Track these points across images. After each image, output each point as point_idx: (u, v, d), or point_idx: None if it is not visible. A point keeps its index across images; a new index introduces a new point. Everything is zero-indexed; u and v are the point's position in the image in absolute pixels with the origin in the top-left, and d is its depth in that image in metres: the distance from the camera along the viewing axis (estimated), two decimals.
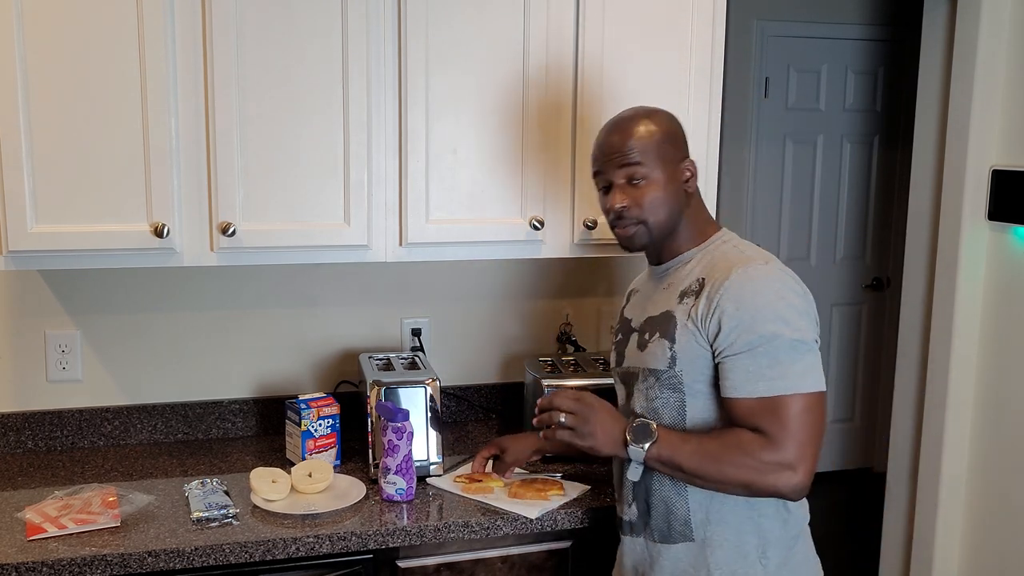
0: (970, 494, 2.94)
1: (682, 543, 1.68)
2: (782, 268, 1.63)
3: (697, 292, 1.64)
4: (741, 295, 1.57)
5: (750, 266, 1.60)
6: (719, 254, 1.68)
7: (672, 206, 1.70)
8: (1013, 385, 2.77)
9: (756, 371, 1.56)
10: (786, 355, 1.55)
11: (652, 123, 1.71)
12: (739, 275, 1.59)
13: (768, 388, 1.55)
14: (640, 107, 1.78)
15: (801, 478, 1.56)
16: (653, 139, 1.69)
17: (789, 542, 1.67)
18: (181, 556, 1.80)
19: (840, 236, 4.88)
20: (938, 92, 3.00)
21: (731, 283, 1.59)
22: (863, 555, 4.03)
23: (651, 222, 1.70)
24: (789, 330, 1.55)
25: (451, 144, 2.13)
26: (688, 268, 1.71)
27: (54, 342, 2.32)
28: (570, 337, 2.66)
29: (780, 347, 1.55)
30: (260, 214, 2.04)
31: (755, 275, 1.59)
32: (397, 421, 1.98)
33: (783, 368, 1.55)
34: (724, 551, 1.65)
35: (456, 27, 2.10)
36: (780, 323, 1.55)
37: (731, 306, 1.57)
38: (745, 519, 1.65)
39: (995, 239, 2.82)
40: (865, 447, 5.03)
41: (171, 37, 1.94)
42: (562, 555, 2.03)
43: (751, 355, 1.56)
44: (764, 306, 1.56)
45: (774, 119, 4.67)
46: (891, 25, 4.72)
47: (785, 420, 1.55)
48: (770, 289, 1.58)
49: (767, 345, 1.55)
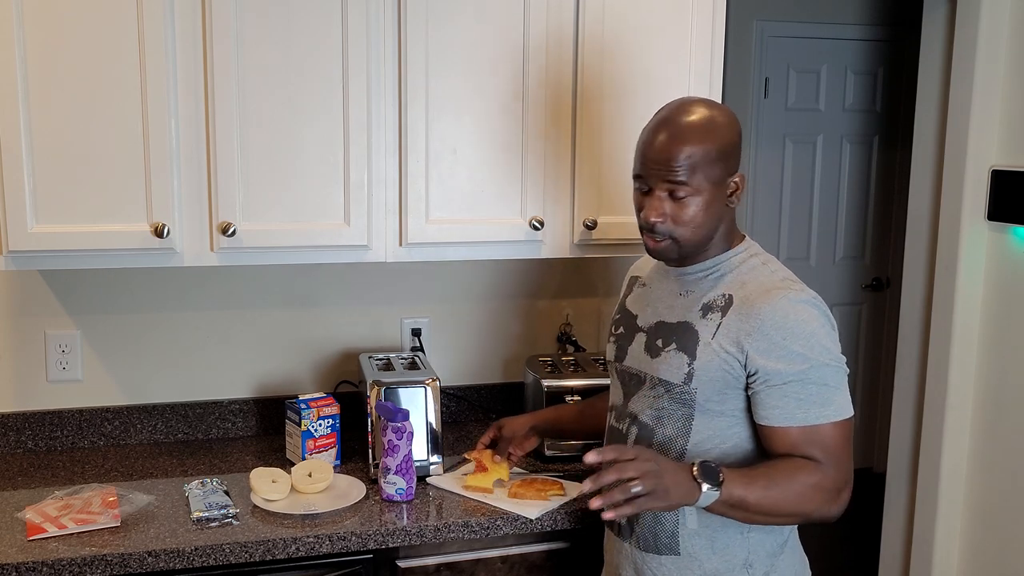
0: (970, 494, 2.94)
1: (667, 555, 1.67)
2: (815, 294, 1.61)
3: (723, 309, 1.61)
4: (786, 323, 1.55)
5: (790, 293, 1.58)
6: (748, 271, 1.64)
7: (710, 225, 1.62)
8: (1013, 385, 2.77)
9: (807, 399, 1.55)
10: (833, 382, 1.57)
11: (709, 138, 1.57)
12: (781, 302, 1.56)
13: (819, 416, 1.56)
14: (699, 106, 1.61)
15: (846, 499, 1.59)
16: (707, 158, 1.57)
17: (775, 551, 1.66)
18: (181, 556, 1.80)
19: (840, 236, 4.88)
20: (938, 92, 3.00)
21: (773, 310, 1.56)
22: (863, 555, 4.03)
23: (684, 240, 1.62)
24: (832, 359, 1.57)
25: (451, 144, 2.14)
26: (713, 279, 1.66)
27: (54, 342, 2.32)
28: (570, 337, 2.66)
29: (828, 375, 1.56)
30: (260, 214, 2.04)
31: (796, 303, 1.57)
32: (397, 421, 1.98)
33: (832, 396, 1.56)
34: (711, 564, 1.64)
35: (456, 27, 2.10)
36: (826, 353, 1.56)
37: (777, 334, 1.55)
38: (735, 532, 1.64)
39: (995, 239, 2.82)
40: (865, 447, 5.03)
41: (171, 37, 1.94)
42: (562, 555, 2.03)
43: (801, 384, 1.55)
44: (812, 335, 1.55)
45: (774, 119, 4.67)
46: (891, 25, 4.72)
47: (833, 447, 1.56)
48: (812, 318, 1.57)
49: (816, 374, 1.55)
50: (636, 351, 1.74)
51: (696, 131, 1.58)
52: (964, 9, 2.81)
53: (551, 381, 2.29)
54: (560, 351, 2.64)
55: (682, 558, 1.66)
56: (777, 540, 1.67)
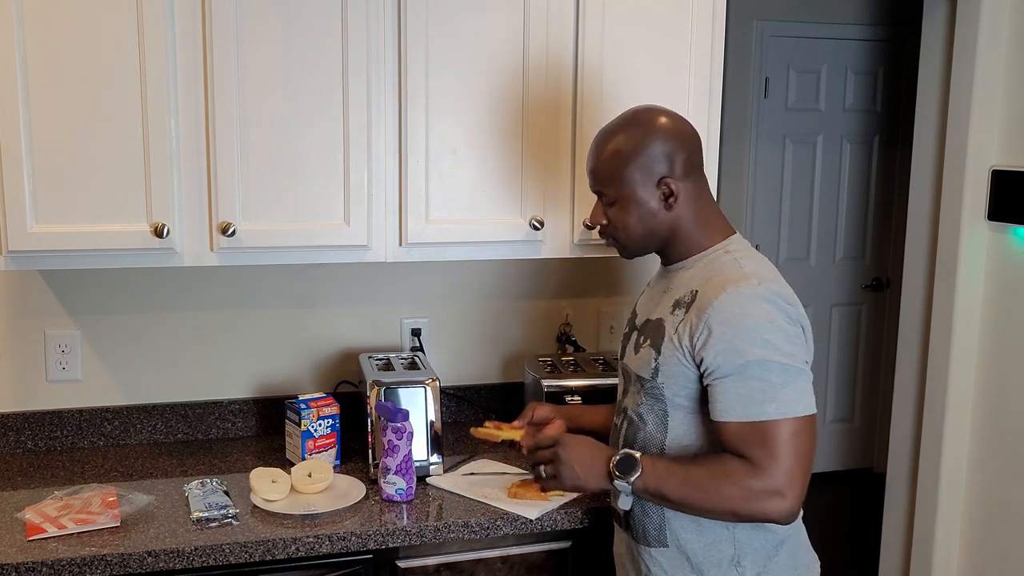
0: (970, 494, 2.94)
1: (657, 547, 1.69)
2: (775, 290, 1.57)
3: (687, 305, 1.61)
4: (730, 317, 1.53)
5: (741, 286, 1.55)
6: (717, 266, 1.63)
7: (645, 228, 1.66)
8: (1013, 385, 2.77)
9: (746, 395, 1.53)
10: (777, 379, 1.52)
11: (618, 146, 1.65)
12: (729, 296, 1.54)
13: (758, 413, 1.52)
14: (625, 116, 1.70)
15: (790, 504, 1.53)
16: (614, 165, 1.65)
17: (769, 551, 1.65)
18: (181, 556, 1.80)
19: (840, 236, 4.88)
20: (938, 92, 3.00)
21: (720, 303, 1.54)
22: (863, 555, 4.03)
23: (623, 241, 1.71)
24: (779, 355, 1.52)
25: (451, 144, 2.13)
26: (687, 275, 1.67)
27: (54, 342, 2.32)
28: (570, 337, 2.66)
29: (770, 371, 1.52)
30: (260, 214, 2.04)
31: (745, 296, 1.54)
32: (397, 421, 1.98)
33: (773, 392, 1.52)
34: (699, 558, 1.65)
35: (456, 27, 2.10)
36: (769, 348, 1.52)
37: (719, 327, 1.53)
38: (720, 528, 1.64)
39: (995, 239, 2.82)
40: (865, 447, 5.03)
41: (171, 38, 1.94)
42: (562, 555, 2.03)
43: (741, 378, 1.53)
44: (753, 329, 1.52)
45: (774, 119, 4.67)
46: (891, 25, 4.72)
47: (774, 446, 1.52)
48: (760, 312, 1.53)
49: (756, 369, 1.52)
50: (629, 348, 1.77)
51: (608, 139, 1.68)
52: (964, 9, 2.81)
53: (551, 381, 2.29)
54: (560, 351, 2.64)
55: (671, 550, 1.67)
56: (770, 540, 1.65)
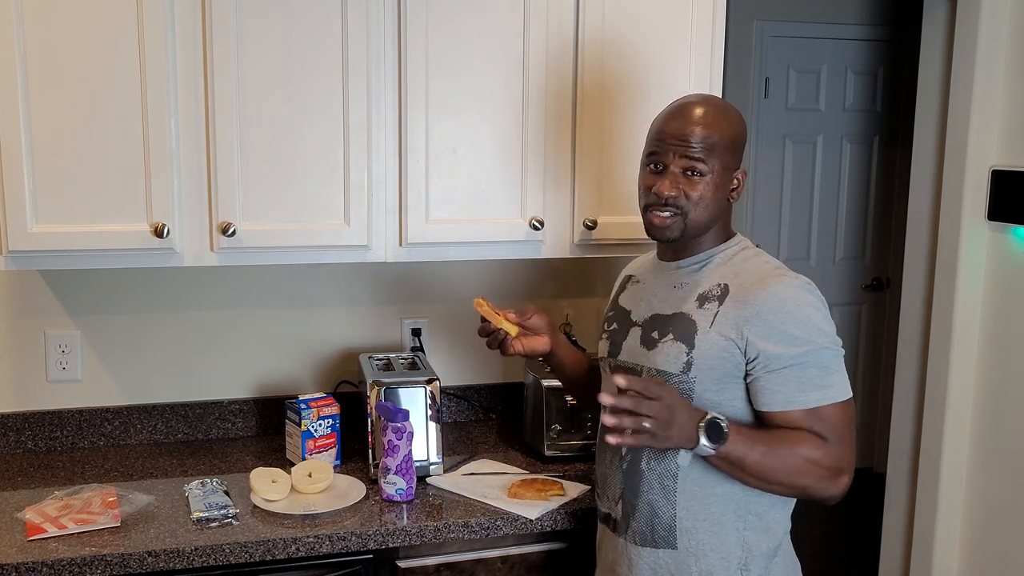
0: (970, 494, 2.94)
1: (664, 549, 1.68)
2: (807, 280, 1.64)
3: (719, 299, 1.63)
4: (783, 308, 1.59)
5: (784, 279, 1.62)
6: (742, 263, 1.68)
7: (714, 210, 1.68)
8: (1013, 385, 2.77)
9: (808, 381, 1.58)
10: (832, 364, 1.60)
11: (725, 126, 1.66)
12: (777, 289, 1.60)
13: (820, 398, 1.58)
14: (715, 99, 1.73)
15: (847, 482, 1.61)
16: (721, 143, 1.65)
17: (770, 553, 1.67)
18: (181, 556, 1.80)
19: (840, 236, 4.88)
20: (938, 92, 3.00)
21: (769, 296, 1.59)
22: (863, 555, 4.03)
23: (691, 218, 1.66)
24: (830, 341, 1.60)
25: (451, 144, 2.13)
26: (707, 272, 1.69)
27: (54, 342, 2.32)
28: (570, 337, 2.65)
29: (826, 358, 1.59)
30: (260, 214, 2.04)
31: (792, 288, 1.61)
32: (397, 421, 1.98)
33: (831, 378, 1.59)
34: (708, 560, 1.65)
35: (456, 27, 2.10)
36: (823, 335, 1.59)
37: (774, 318, 1.58)
38: (732, 530, 1.64)
39: (995, 239, 2.82)
40: (865, 447, 5.03)
41: (171, 37, 1.94)
42: (562, 555, 2.03)
43: (802, 367, 1.58)
44: (807, 319, 1.58)
45: (774, 119, 4.67)
46: (891, 25, 4.72)
47: (837, 427, 1.59)
48: (808, 302, 1.60)
49: (816, 356, 1.58)
50: (631, 345, 1.75)
51: (715, 116, 1.67)
52: (964, 9, 2.81)
53: (551, 381, 2.29)
54: None
55: (679, 552, 1.66)
56: (771, 543, 1.67)
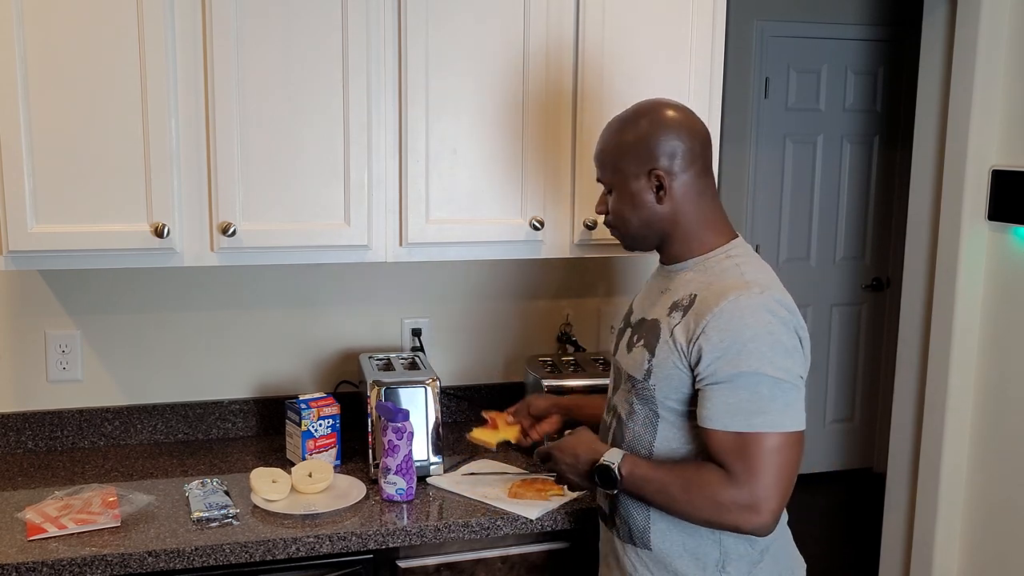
0: (970, 494, 2.94)
1: (641, 548, 1.69)
2: (777, 298, 1.56)
3: (685, 308, 1.60)
4: (729, 325, 1.52)
5: (743, 294, 1.53)
6: (718, 271, 1.62)
7: (640, 219, 1.67)
8: (1013, 385, 2.78)
9: (735, 404, 1.51)
10: (767, 392, 1.51)
11: (617, 132, 1.69)
12: (731, 304, 1.53)
13: (744, 424, 1.51)
14: (635, 106, 1.71)
15: (764, 519, 1.52)
16: (609, 150, 1.69)
17: (754, 557, 1.64)
18: (181, 556, 1.80)
19: (840, 236, 4.88)
20: (938, 92, 3.00)
21: (722, 311, 1.53)
22: (863, 555, 4.03)
23: (621, 231, 1.73)
24: (772, 368, 1.51)
25: (451, 144, 2.13)
26: (686, 278, 1.66)
27: (54, 342, 2.32)
28: (570, 337, 2.66)
29: (761, 383, 1.51)
30: (260, 214, 2.04)
31: (747, 305, 1.53)
32: (397, 421, 1.98)
33: (762, 405, 1.51)
34: (684, 561, 1.65)
35: (456, 27, 2.10)
36: (764, 361, 1.50)
37: (716, 335, 1.52)
38: (706, 533, 1.63)
39: (995, 239, 2.82)
40: (865, 447, 5.04)
41: (171, 37, 1.94)
42: (562, 555, 2.03)
43: (732, 388, 1.52)
44: (750, 340, 1.51)
45: (774, 119, 4.67)
46: (891, 25, 4.72)
47: (755, 459, 1.51)
48: (759, 323, 1.52)
49: (748, 380, 1.51)
50: (621, 346, 1.77)
51: (609, 129, 1.72)
52: (964, 9, 2.81)
53: (551, 381, 2.29)
54: (560, 351, 2.64)
55: (654, 553, 1.67)
56: (755, 545, 1.64)
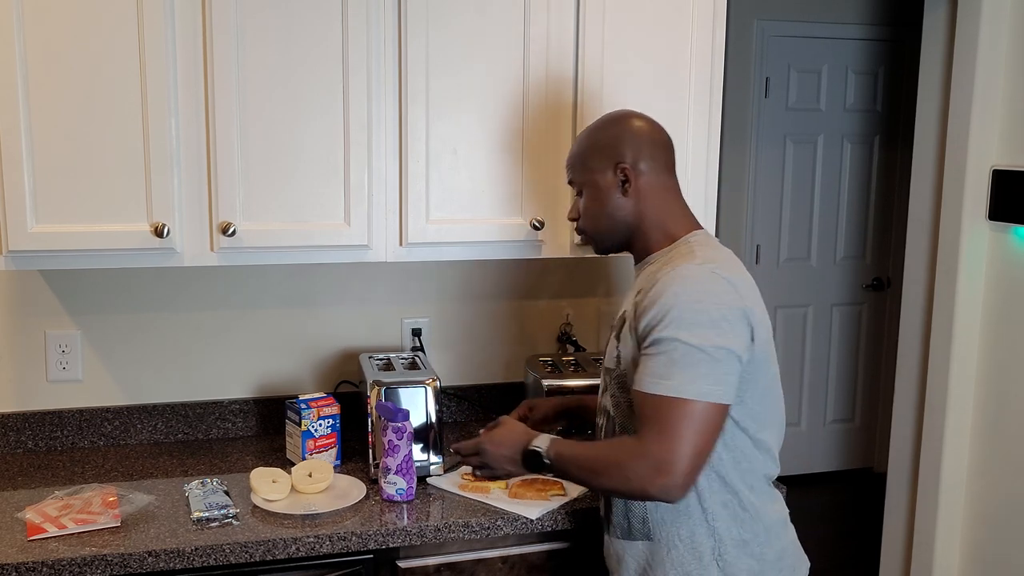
0: (970, 494, 2.94)
1: (642, 541, 1.70)
2: (723, 274, 1.58)
3: (645, 293, 1.63)
4: (662, 295, 1.56)
5: (681, 266, 1.59)
6: (675, 255, 1.66)
7: (609, 216, 1.72)
8: (1013, 385, 2.78)
9: (652, 368, 1.55)
10: (680, 357, 1.53)
11: (588, 138, 1.76)
12: (668, 276, 1.58)
13: (652, 385, 1.55)
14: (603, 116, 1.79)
15: (668, 480, 1.52)
16: (577, 152, 1.77)
17: (751, 544, 1.65)
18: (181, 556, 1.80)
19: (840, 236, 4.88)
20: (938, 92, 3.00)
21: (660, 283, 1.58)
22: (863, 555, 4.03)
23: (590, 232, 1.78)
24: (688, 335, 1.53)
25: (451, 144, 2.13)
26: (652, 269, 1.69)
27: (54, 342, 2.32)
28: (570, 337, 2.66)
29: (676, 349, 1.53)
30: (260, 214, 2.04)
31: (680, 276, 1.57)
32: (397, 421, 1.98)
33: (672, 369, 1.53)
34: (679, 551, 1.66)
35: (456, 28, 2.10)
36: (683, 327, 1.53)
37: (651, 306, 1.57)
38: (699, 521, 1.64)
39: (995, 239, 2.82)
40: (865, 447, 5.04)
41: (171, 37, 1.94)
42: (562, 555, 2.03)
43: (653, 352, 1.56)
44: (673, 308, 1.54)
45: (774, 119, 4.67)
46: (891, 25, 4.72)
47: (661, 421, 1.53)
48: (688, 290, 1.56)
49: (665, 345, 1.54)
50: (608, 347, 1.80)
51: (578, 137, 1.80)
52: (964, 9, 2.81)
53: (551, 381, 2.29)
54: (560, 351, 2.64)
55: (655, 543, 1.68)
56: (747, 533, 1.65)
